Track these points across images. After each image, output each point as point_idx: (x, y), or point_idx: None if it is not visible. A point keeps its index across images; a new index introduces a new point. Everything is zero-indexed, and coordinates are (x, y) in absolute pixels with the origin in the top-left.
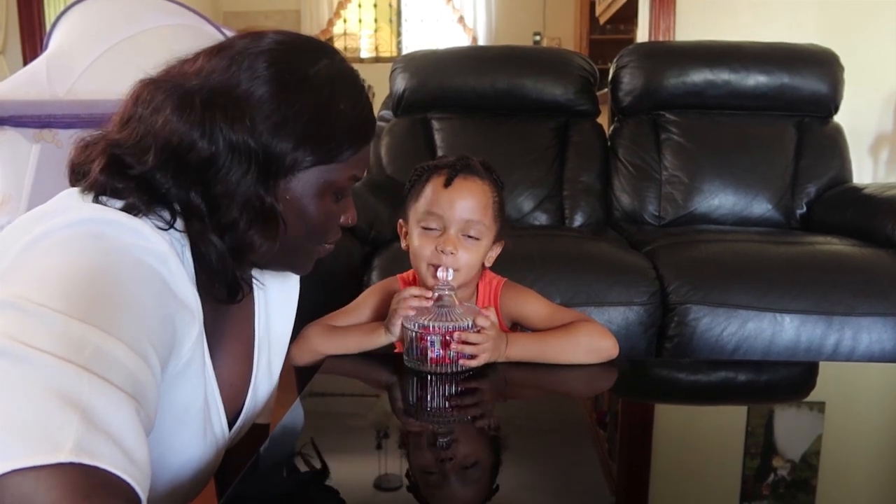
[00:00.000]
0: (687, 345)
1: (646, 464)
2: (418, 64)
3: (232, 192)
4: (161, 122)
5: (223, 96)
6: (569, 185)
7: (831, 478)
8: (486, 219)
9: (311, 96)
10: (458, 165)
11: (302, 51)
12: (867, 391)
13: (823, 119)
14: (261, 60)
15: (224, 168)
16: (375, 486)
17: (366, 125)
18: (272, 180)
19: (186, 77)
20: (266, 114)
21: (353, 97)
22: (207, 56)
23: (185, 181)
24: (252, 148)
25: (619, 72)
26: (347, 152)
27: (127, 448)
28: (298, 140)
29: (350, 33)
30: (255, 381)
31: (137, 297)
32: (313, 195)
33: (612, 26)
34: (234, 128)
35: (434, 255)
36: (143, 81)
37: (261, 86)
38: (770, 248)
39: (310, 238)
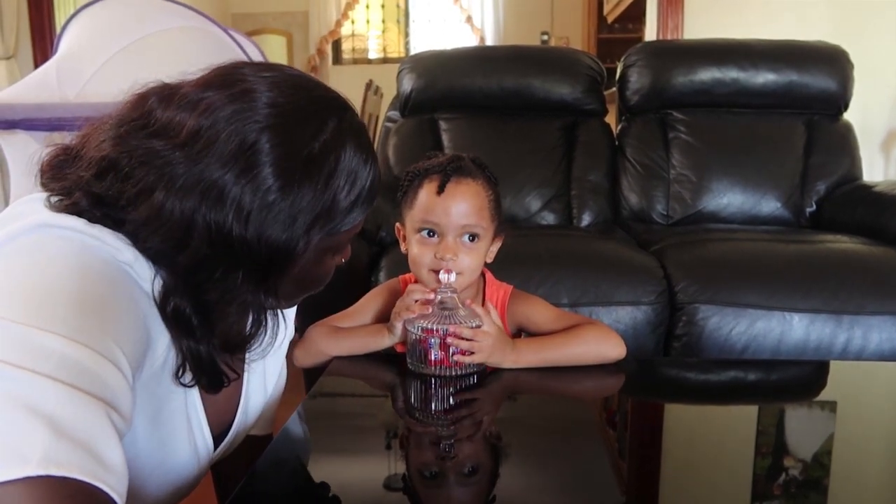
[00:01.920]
0: (695, 344)
1: (656, 464)
2: (426, 64)
3: (229, 298)
4: (149, 212)
5: (219, 189)
6: (576, 184)
7: (843, 478)
8: (483, 220)
9: (317, 180)
10: (449, 169)
11: (304, 120)
12: (879, 390)
13: (833, 116)
14: (261, 140)
15: (220, 272)
16: (385, 486)
17: (374, 188)
18: (277, 278)
19: (172, 148)
20: (272, 211)
21: (362, 162)
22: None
23: (170, 275)
24: (254, 249)
25: (626, 71)
26: (357, 219)
27: (98, 454)
28: (308, 230)
29: (358, 34)
30: (246, 393)
31: (102, 298)
32: (314, 262)
33: (619, 25)
34: (232, 227)
35: (434, 262)
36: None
37: (264, 177)
38: (779, 246)
39: (304, 291)
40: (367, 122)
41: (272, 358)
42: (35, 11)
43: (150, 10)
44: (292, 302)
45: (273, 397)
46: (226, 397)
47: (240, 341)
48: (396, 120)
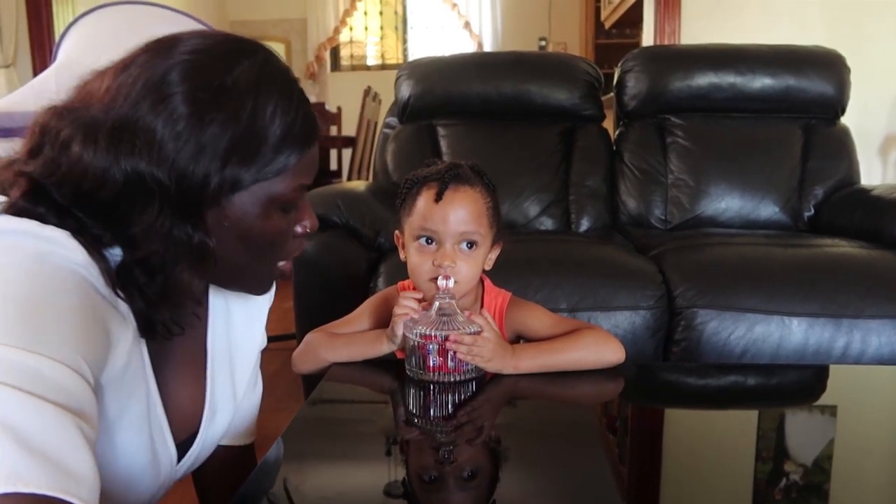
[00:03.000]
0: (694, 349)
1: (656, 469)
2: (423, 71)
3: (149, 231)
4: (69, 159)
5: (129, 126)
6: (575, 189)
7: (845, 482)
8: (482, 227)
9: (230, 111)
10: (447, 177)
11: (217, 57)
12: (879, 394)
13: (830, 121)
14: (170, 76)
15: (137, 205)
16: (385, 492)
17: (303, 129)
18: (197, 212)
19: (92, 102)
20: (180, 140)
21: (283, 101)
22: (115, 72)
23: (100, 220)
24: (164, 181)
25: (623, 76)
26: (288, 161)
27: (68, 467)
28: (224, 161)
29: (356, 41)
30: (212, 402)
31: (59, 305)
32: (256, 215)
33: (617, 30)
34: (143, 160)
35: (432, 270)
36: (47, 109)
37: (171, 108)
38: (777, 250)
39: (261, 260)
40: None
41: (239, 364)
42: (34, 20)
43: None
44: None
45: (248, 408)
46: (190, 403)
47: (176, 286)
48: (395, 126)
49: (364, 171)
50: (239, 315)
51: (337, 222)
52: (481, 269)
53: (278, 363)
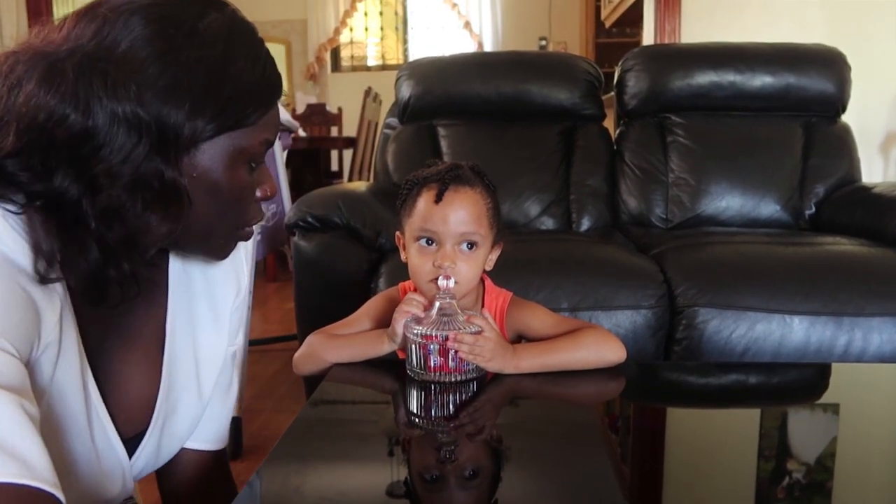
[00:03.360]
0: (695, 348)
1: (659, 468)
2: (424, 71)
3: (116, 171)
4: (23, 97)
5: (101, 61)
6: (575, 189)
7: (847, 480)
8: (482, 228)
9: (202, 54)
10: (447, 177)
11: (187, 4)
12: (881, 392)
13: (831, 119)
14: (138, 17)
15: (106, 144)
16: (387, 493)
17: (271, 82)
18: (171, 153)
19: (52, 45)
20: (153, 77)
21: (252, 53)
22: (74, 19)
23: (51, 163)
24: (141, 118)
25: (624, 75)
26: (254, 115)
27: (16, 450)
28: (195, 105)
29: (356, 41)
30: (168, 398)
31: None
32: (223, 168)
33: (617, 29)
34: (116, 96)
35: (433, 270)
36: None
37: (143, 46)
38: (778, 249)
39: (224, 217)
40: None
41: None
42: (34, 18)
43: None
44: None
45: (221, 412)
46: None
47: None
48: (395, 127)
49: (365, 172)
50: (203, 309)
51: (338, 223)
52: (482, 269)
53: (279, 364)
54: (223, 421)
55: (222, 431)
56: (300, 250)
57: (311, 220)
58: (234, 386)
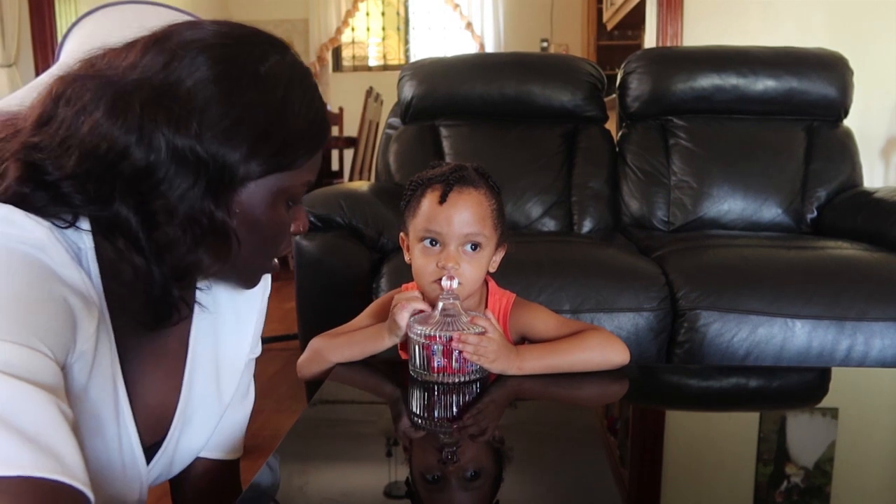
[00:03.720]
0: (697, 351)
1: (657, 471)
2: (426, 71)
3: (173, 208)
4: (89, 125)
5: (166, 97)
6: (577, 191)
7: (846, 485)
8: (486, 229)
9: (263, 98)
10: (452, 179)
11: (250, 45)
12: (881, 397)
13: (833, 123)
14: (205, 56)
15: (166, 180)
16: (386, 493)
17: (321, 128)
18: (223, 193)
19: (119, 73)
20: (215, 117)
21: (308, 98)
22: (142, 49)
23: (112, 192)
24: (200, 156)
25: (626, 77)
26: (302, 158)
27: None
28: (252, 147)
29: (358, 41)
30: (187, 406)
31: (12, 291)
32: (266, 206)
33: (619, 32)
34: (179, 133)
35: (437, 271)
36: (63, 78)
37: (207, 86)
38: (780, 252)
39: (259, 252)
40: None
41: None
42: (36, 19)
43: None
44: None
45: (236, 420)
46: (161, 404)
47: (190, 265)
48: (397, 127)
49: (366, 172)
50: (227, 316)
51: (339, 223)
52: (485, 270)
53: (280, 364)
54: (238, 430)
55: (237, 441)
56: (301, 250)
57: (312, 220)
58: (250, 394)
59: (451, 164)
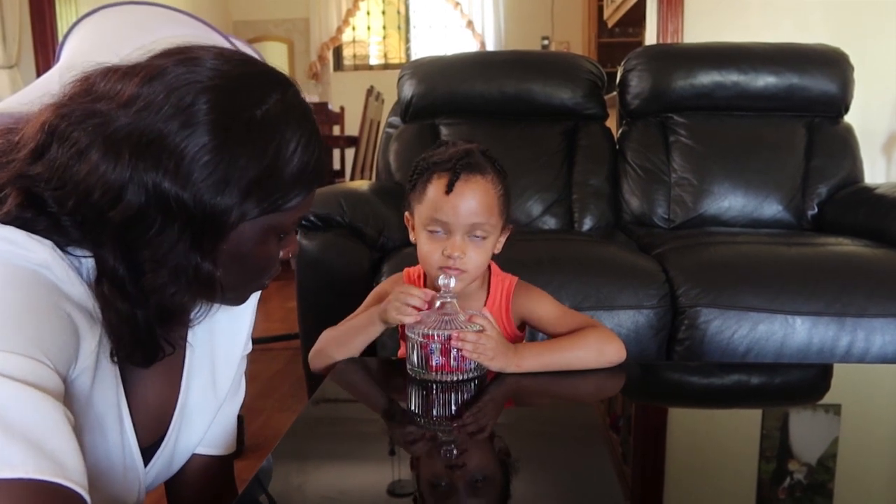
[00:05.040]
0: (698, 348)
1: (660, 468)
2: (426, 70)
3: (160, 258)
4: (84, 170)
5: (156, 144)
6: (577, 188)
7: (848, 481)
8: (492, 217)
9: (258, 147)
10: (458, 167)
11: (249, 87)
12: (883, 393)
13: (834, 119)
14: (201, 101)
15: (154, 229)
16: (388, 492)
17: (317, 167)
18: (211, 242)
19: (112, 110)
20: (207, 169)
21: (304, 140)
22: (139, 84)
23: (103, 238)
24: (189, 207)
25: (626, 75)
26: (296, 199)
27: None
28: (243, 196)
29: (359, 40)
30: (186, 404)
31: (18, 306)
32: (255, 243)
33: (620, 29)
34: (167, 183)
35: (442, 259)
36: (58, 107)
37: (201, 135)
38: (781, 249)
39: (247, 282)
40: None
41: (222, 366)
42: (37, 20)
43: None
44: (238, 290)
45: (228, 414)
46: (159, 405)
47: (174, 309)
48: (398, 126)
49: (367, 171)
50: (222, 315)
51: (340, 222)
52: (490, 256)
53: (281, 363)
54: (229, 425)
55: (229, 436)
56: (302, 249)
57: (313, 219)
58: (241, 389)
59: (459, 147)
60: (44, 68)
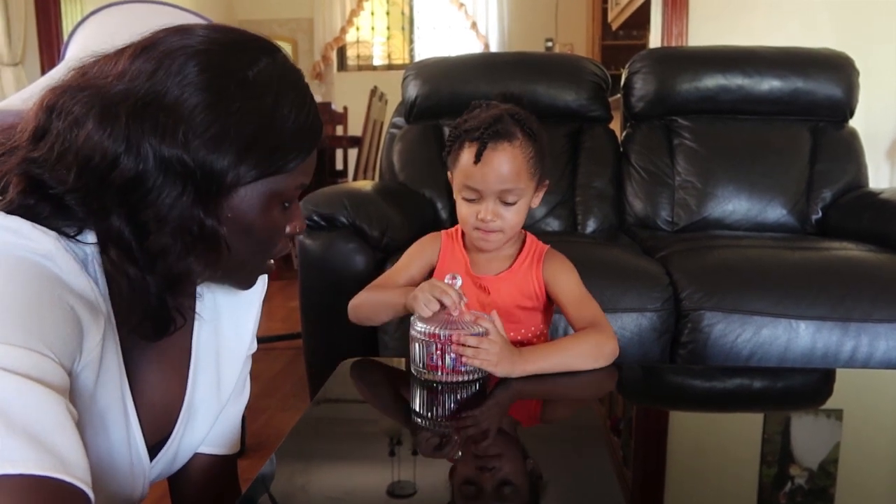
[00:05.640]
0: (701, 351)
1: (661, 471)
2: (430, 71)
3: (163, 216)
4: (82, 137)
5: (152, 106)
6: (581, 190)
7: (850, 486)
8: (521, 181)
9: (252, 104)
10: (486, 136)
11: (239, 50)
12: (885, 399)
13: (838, 123)
14: (192, 63)
15: (154, 189)
16: (388, 493)
17: (313, 130)
18: (212, 200)
19: (107, 82)
20: (202, 126)
21: (299, 100)
22: (131, 56)
23: (106, 203)
24: (188, 165)
25: (631, 77)
26: (294, 161)
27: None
28: (240, 154)
29: (363, 41)
30: (191, 402)
31: (20, 299)
32: (258, 210)
33: (624, 32)
34: (165, 142)
35: (477, 222)
36: (54, 89)
37: (194, 94)
38: (785, 253)
39: (254, 254)
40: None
41: (226, 365)
42: (42, 18)
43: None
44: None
45: (233, 414)
46: (164, 402)
47: (182, 272)
48: (401, 126)
49: (370, 171)
50: (227, 314)
51: (343, 222)
52: (525, 215)
53: (284, 362)
54: (234, 425)
55: (234, 436)
56: (305, 249)
57: (316, 219)
58: (245, 389)
59: (489, 113)
60: (48, 66)
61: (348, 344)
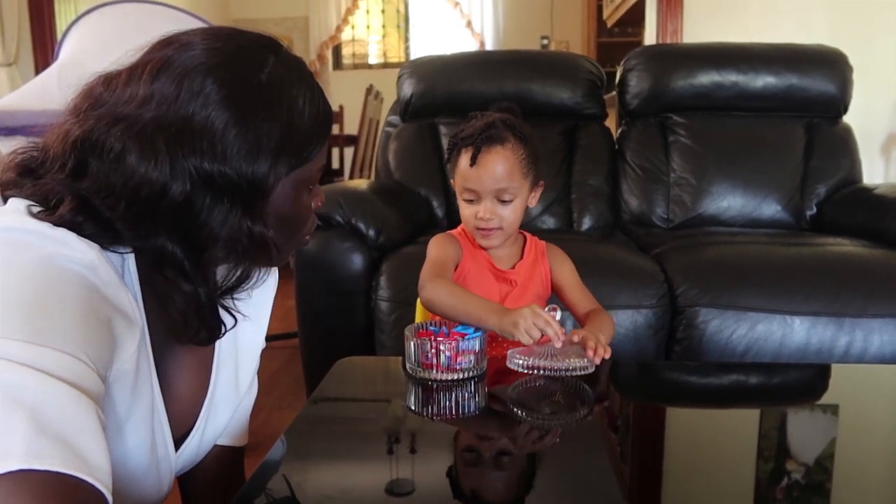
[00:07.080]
0: (696, 348)
1: (658, 467)
2: (426, 69)
3: (216, 234)
4: (127, 172)
5: (186, 130)
6: (577, 188)
7: (846, 481)
8: (515, 181)
9: (273, 109)
10: (479, 140)
11: (247, 55)
12: (881, 393)
13: (833, 119)
14: (210, 80)
15: (204, 209)
16: (387, 491)
17: (326, 116)
18: (257, 207)
19: (133, 110)
20: (237, 142)
21: (309, 93)
22: (149, 80)
23: (158, 228)
24: (232, 180)
25: (626, 74)
26: (316, 149)
27: (81, 449)
28: (274, 157)
29: (358, 39)
30: (213, 397)
31: (61, 305)
32: (292, 201)
33: (619, 29)
34: (206, 162)
35: (477, 221)
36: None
37: (220, 112)
38: (780, 249)
39: (291, 238)
40: (367, 126)
41: (244, 360)
42: (36, 18)
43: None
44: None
45: (245, 407)
46: (189, 397)
47: (237, 280)
48: (397, 125)
49: (366, 170)
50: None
51: (339, 221)
52: (523, 212)
53: (280, 361)
54: (244, 417)
55: (244, 428)
56: (301, 248)
57: None
58: (254, 383)
59: (482, 120)
60: (42, 66)
61: (345, 342)
